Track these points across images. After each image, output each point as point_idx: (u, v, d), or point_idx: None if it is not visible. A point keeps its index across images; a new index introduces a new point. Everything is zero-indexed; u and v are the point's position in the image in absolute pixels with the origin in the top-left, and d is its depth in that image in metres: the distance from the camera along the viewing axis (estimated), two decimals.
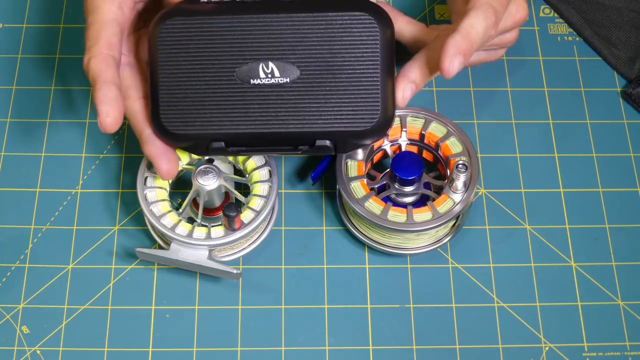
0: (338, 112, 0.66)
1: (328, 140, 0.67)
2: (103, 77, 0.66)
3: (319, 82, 0.66)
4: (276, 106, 0.66)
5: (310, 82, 0.66)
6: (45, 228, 0.75)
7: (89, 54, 0.67)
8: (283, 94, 0.66)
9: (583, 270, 0.74)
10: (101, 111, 0.65)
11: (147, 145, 0.69)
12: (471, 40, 0.67)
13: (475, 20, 0.67)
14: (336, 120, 0.66)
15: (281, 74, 0.66)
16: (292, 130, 0.66)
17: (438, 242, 0.74)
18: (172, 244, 0.70)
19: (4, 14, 0.85)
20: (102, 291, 0.72)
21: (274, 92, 0.66)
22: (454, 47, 0.66)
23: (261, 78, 0.66)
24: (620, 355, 0.71)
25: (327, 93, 0.66)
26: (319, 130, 0.66)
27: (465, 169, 0.70)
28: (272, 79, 0.66)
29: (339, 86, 0.66)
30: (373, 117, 0.66)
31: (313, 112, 0.66)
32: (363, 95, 0.66)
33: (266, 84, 0.66)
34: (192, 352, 0.70)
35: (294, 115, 0.66)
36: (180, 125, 0.67)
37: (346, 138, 0.67)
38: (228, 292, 0.73)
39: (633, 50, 0.83)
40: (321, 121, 0.66)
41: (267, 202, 0.71)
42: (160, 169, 0.69)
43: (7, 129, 0.79)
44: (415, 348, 0.71)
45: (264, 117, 0.66)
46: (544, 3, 0.86)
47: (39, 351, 0.70)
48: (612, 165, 0.78)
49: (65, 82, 0.81)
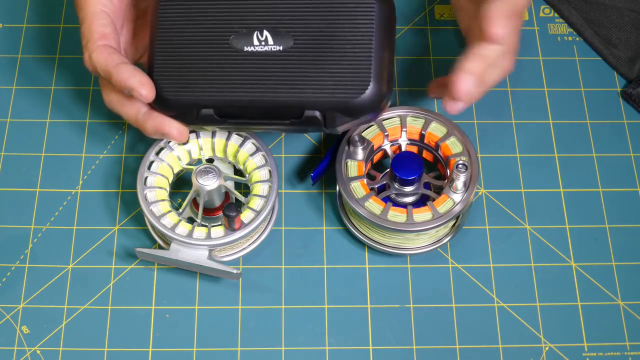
0: (328, 82, 0.66)
1: (317, 111, 0.66)
2: (113, 62, 0.67)
3: (312, 52, 0.66)
4: (268, 74, 0.66)
5: (303, 52, 0.66)
6: (45, 228, 0.75)
7: (87, 50, 0.68)
8: (275, 62, 0.66)
9: (583, 270, 0.74)
10: (135, 84, 0.66)
11: (147, 123, 0.69)
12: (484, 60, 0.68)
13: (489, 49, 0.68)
14: (326, 90, 0.66)
15: (275, 42, 0.66)
16: (281, 99, 0.66)
17: (438, 242, 0.74)
18: (172, 244, 0.70)
19: (4, 14, 0.85)
20: (102, 291, 0.72)
21: (266, 60, 0.66)
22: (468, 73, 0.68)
23: (255, 45, 0.67)
24: (620, 355, 0.71)
25: (319, 63, 0.66)
26: (308, 99, 0.66)
27: (465, 169, 0.70)
28: (265, 47, 0.66)
29: (331, 57, 0.66)
30: (362, 90, 0.66)
31: (304, 81, 0.66)
32: (354, 68, 0.66)
33: (259, 51, 0.66)
34: (192, 352, 0.70)
35: (284, 83, 0.66)
36: (172, 91, 0.67)
37: (335, 110, 0.66)
38: (228, 292, 0.73)
39: (633, 51, 0.82)
40: (311, 91, 0.66)
41: (267, 202, 0.71)
42: (171, 134, 0.69)
43: (7, 129, 0.79)
44: (415, 348, 0.71)
45: (255, 85, 0.66)
46: (544, 3, 0.86)
47: (39, 351, 0.70)
48: (612, 165, 0.78)
49: (65, 82, 0.81)
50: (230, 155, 0.74)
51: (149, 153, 0.73)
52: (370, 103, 0.66)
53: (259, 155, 0.73)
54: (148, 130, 0.70)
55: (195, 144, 0.74)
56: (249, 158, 0.73)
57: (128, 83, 0.67)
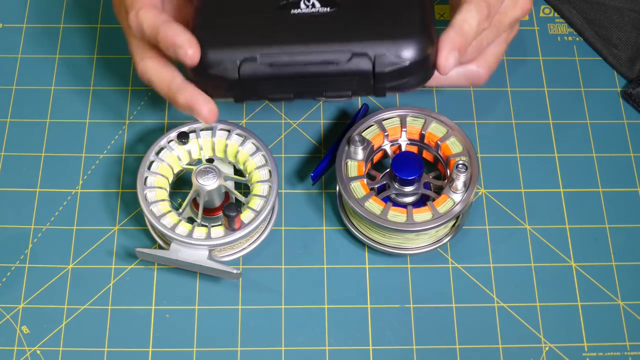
0: (377, 31, 0.65)
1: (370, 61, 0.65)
2: (161, 19, 0.66)
3: (359, 8, 0.66)
4: (314, 29, 0.66)
5: (349, 9, 0.66)
6: (45, 228, 0.75)
7: (134, 8, 0.67)
8: (322, 20, 0.66)
9: (583, 270, 0.74)
10: (183, 41, 0.65)
11: (180, 93, 0.68)
12: (465, 35, 0.67)
13: (468, 14, 0.67)
14: (374, 36, 0.65)
15: (322, 5, 0.67)
16: (328, 46, 0.65)
17: (438, 242, 0.74)
18: (172, 244, 0.70)
19: (4, 14, 0.85)
20: (102, 291, 0.72)
21: (313, 19, 0.66)
22: (448, 43, 0.66)
23: (301, 8, 0.67)
24: (620, 355, 0.71)
25: (366, 17, 0.66)
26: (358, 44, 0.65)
27: (465, 169, 0.71)
28: (312, 9, 0.67)
29: (378, 11, 0.66)
30: (413, 34, 0.65)
31: (351, 32, 0.66)
32: (403, 18, 0.66)
33: (306, 12, 0.66)
34: (192, 352, 0.70)
35: (331, 35, 0.65)
36: (213, 43, 0.66)
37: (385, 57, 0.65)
38: (228, 292, 0.73)
39: (633, 51, 0.83)
40: (359, 37, 0.65)
41: (267, 202, 0.71)
42: (202, 112, 0.67)
43: (7, 129, 0.79)
44: (415, 348, 0.71)
45: (299, 38, 0.66)
46: (544, 3, 0.86)
47: (39, 351, 0.70)
48: (612, 165, 0.78)
49: (65, 82, 0.81)
50: (230, 155, 0.74)
51: (149, 153, 0.73)
52: (420, 50, 0.66)
53: (259, 155, 0.73)
54: (180, 102, 0.68)
55: (195, 144, 0.74)
56: (249, 158, 0.73)
57: (177, 40, 0.65)
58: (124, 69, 0.82)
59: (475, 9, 0.67)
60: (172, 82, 0.68)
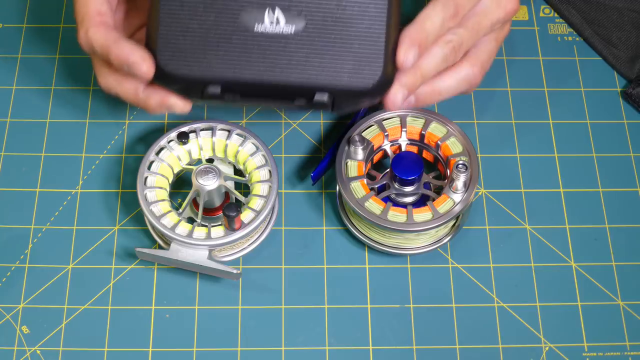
0: (340, 67, 0.65)
1: (327, 95, 0.65)
2: (112, 38, 0.66)
3: (324, 35, 0.65)
4: (278, 55, 0.65)
5: (314, 34, 0.65)
6: (45, 228, 0.75)
7: (83, 27, 0.67)
8: (286, 43, 0.65)
9: (583, 270, 0.74)
10: (136, 58, 0.65)
11: (149, 99, 0.67)
12: (426, 31, 0.66)
13: (432, 11, 0.66)
14: (337, 75, 0.65)
15: (286, 22, 0.65)
16: (291, 81, 0.65)
17: (438, 242, 0.74)
18: (172, 244, 0.70)
19: (4, 14, 0.85)
20: (102, 291, 0.72)
21: (276, 40, 0.65)
22: (408, 39, 0.66)
23: (265, 25, 0.65)
24: (620, 355, 0.71)
25: (330, 47, 0.65)
26: (319, 83, 0.65)
27: (465, 169, 0.71)
28: (276, 27, 0.65)
29: (343, 42, 0.65)
30: (374, 76, 0.65)
31: (315, 65, 0.65)
32: (366, 53, 0.65)
33: (270, 32, 0.65)
34: (192, 352, 0.70)
35: (295, 65, 0.65)
36: (175, 65, 0.65)
37: (345, 95, 0.65)
38: (228, 292, 0.73)
39: (633, 50, 0.83)
40: (322, 75, 0.65)
41: (267, 202, 0.71)
42: (176, 105, 0.67)
43: (7, 129, 0.79)
44: (415, 348, 0.71)
45: (264, 64, 0.65)
46: (544, 3, 0.86)
47: (39, 351, 0.70)
48: (612, 165, 0.78)
49: (65, 82, 0.81)
50: (230, 155, 0.74)
51: (149, 153, 0.73)
52: (381, 87, 0.66)
53: (259, 155, 0.73)
54: (152, 105, 0.68)
55: (195, 144, 0.74)
56: (249, 158, 0.73)
57: (130, 58, 0.65)
58: None
59: (441, 7, 0.67)
60: (138, 91, 0.68)
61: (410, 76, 0.67)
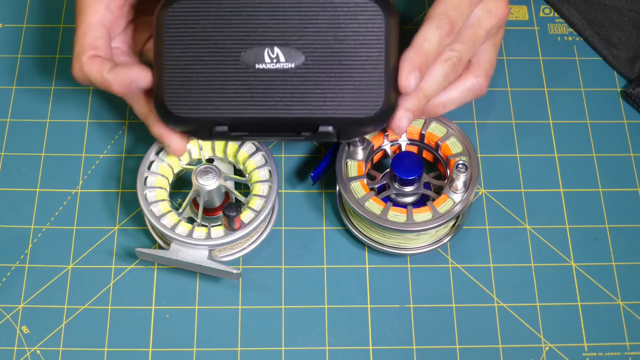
0: (342, 98, 0.66)
1: (331, 126, 0.67)
2: (106, 69, 0.68)
3: (324, 68, 0.66)
4: (280, 91, 0.66)
5: (314, 68, 0.66)
6: (45, 228, 0.75)
7: (78, 62, 0.69)
8: (287, 79, 0.66)
9: (583, 270, 0.74)
10: (138, 76, 0.67)
11: (154, 126, 0.70)
12: (425, 54, 0.66)
13: (428, 32, 0.67)
14: (340, 106, 0.66)
15: (286, 59, 0.66)
16: (295, 116, 0.66)
17: (438, 242, 0.74)
18: (172, 244, 0.70)
19: (4, 14, 0.85)
20: (102, 291, 0.72)
21: (278, 77, 0.66)
22: (408, 63, 0.66)
23: (266, 63, 0.66)
24: (620, 355, 0.71)
25: (331, 79, 0.66)
26: (322, 116, 0.66)
27: (465, 169, 0.71)
28: (277, 64, 0.66)
29: (343, 73, 0.66)
30: (376, 104, 0.66)
31: (317, 98, 0.66)
32: (367, 83, 0.66)
33: (271, 69, 0.66)
34: (192, 352, 0.70)
35: (298, 100, 0.66)
36: (183, 108, 0.67)
37: (349, 125, 0.67)
38: (228, 292, 0.73)
39: (633, 51, 0.83)
40: (325, 107, 0.66)
41: (267, 202, 0.71)
42: (170, 147, 0.70)
43: (7, 129, 0.79)
44: (415, 348, 0.71)
45: (268, 101, 0.66)
46: (544, 3, 0.86)
47: (39, 351, 0.70)
48: (612, 165, 0.78)
49: (65, 82, 0.81)
50: (230, 155, 0.74)
51: (149, 153, 0.73)
52: (384, 115, 0.67)
53: (259, 155, 0.73)
54: (153, 133, 0.70)
55: (195, 144, 0.74)
56: (249, 158, 0.73)
57: (132, 76, 0.67)
58: None
59: (436, 26, 0.67)
60: (148, 116, 0.70)
61: (414, 99, 0.67)
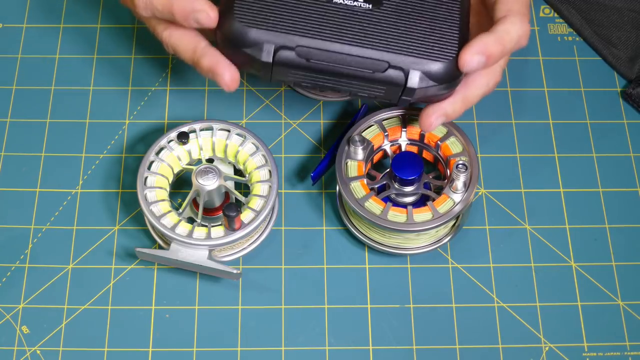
0: (415, 44, 0.66)
1: (402, 69, 0.65)
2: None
3: (401, 14, 0.66)
4: (355, 27, 0.66)
5: (391, 12, 0.66)
6: (45, 228, 0.75)
7: None
8: (363, 18, 0.66)
9: (583, 270, 0.74)
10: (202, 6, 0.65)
11: (204, 57, 0.67)
12: (503, 45, 0.66)
13: (512, 27, 0.66)
14: (413, 51, 0.65)
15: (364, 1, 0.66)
16: (367, 51, 0.65)
17: (438, 242, 0.74)
18: (172, 244, 0.70)
19: (4, 14, 0.85)
20: (102, 291, 0.72)
21: (353, 13, 0.66)
22: (482, 45, 0.65)
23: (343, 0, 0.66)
24: (620, 355, 0.71)
25: (407, 25, 0.66)
26: (394, 55, 0.65)
27: (465, 169, 0.71)
28: (354, 2, 0.66)
29: (420, 21, 0.66)
30: (449, 56, 0.66)
31: (390, 40, 0.65)
32: (442, 34, 0.66)
33: (348, 5, 0.66)
34: (192, 352, 0.70)
35: (368, 38, 0.65)
36: (252, 23, 0.65)
37: (420, 70, 0.65)
38: (228, 292, 0.73)
39: (633, 50, 0.83)
40: (397, 49, 0.65)
41: (267, 202, 0.71)
42: (223, 78, 0.67)
43: (7, 129, 0.79)
44: (415, 348, 0.71)
45: (339, 33, 0.65)
46: (544, 3, 0.86)
47: (39, 351, 0.70)
48: (612, 165, 0.78)
49: (65, 82, 0.81)
50: (230, 155, 0.74)
51: (149, 153, 0.73)
52: (454, 71, 0.66)
53: (259, 155, 0.73)
54: (203, 65, 0.68)
55: (195, 144, 0.74)
56: (249, 158, 0.73)
57: (195, 5, 0.65)
58: (124, 68, 0.82)
59: (520, 24, 0.66)
60: (197, 46, 0.68)
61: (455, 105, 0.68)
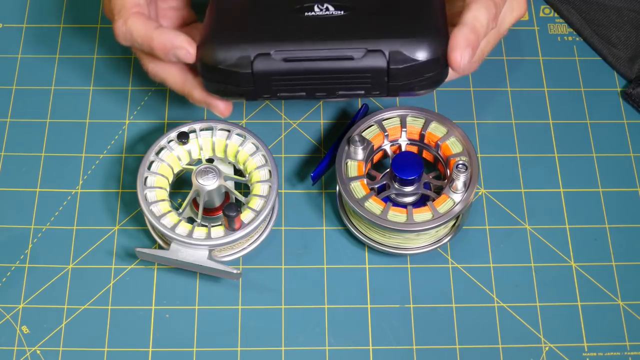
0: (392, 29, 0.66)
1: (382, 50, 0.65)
2: (152, 26, 0.67)
3: (374, 10, 0.67)
4: (329, 29, 0.66)
5: (365, 11, 0.67)
6: (45, 228, 0.75)
7: (121, 17, 0.68)
8: (337, 20, 0.66)
9: (583, 270, 0.74)
10: (182, 43, 0.66)
11: (195, 90, 0.69)
12: (477, 33, 0.67)
13: (478, 12, 0.67)
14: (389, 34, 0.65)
15: (336, 9, 0.67)
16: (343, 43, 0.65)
17: (438, 242, 0.74)
18: (172, 244, 0.70)
19: (4, 14, 0.85)
20: (102, 291, 0.72)
21: (328, 20, 0.66)
22: (463, 40, 0.66)
23: (315, 12, 0.67)
24: (620, 355, 0.71)
25: (382, 18, 0.66)
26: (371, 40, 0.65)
27: (465, 169, 0.71)
28: (326, 12, 0.67)
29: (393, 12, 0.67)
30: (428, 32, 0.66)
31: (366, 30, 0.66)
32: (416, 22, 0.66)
33: (321, 15, 0.67)
34: (192, 352, 0.70)
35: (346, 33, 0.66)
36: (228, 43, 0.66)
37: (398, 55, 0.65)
38: (228, 292, 0.73)
39: (633, 50, 0.83)
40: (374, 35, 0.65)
41: (267, 202, 0.71)
42: (218, 107, 0.69)
43: (7, 129, 0.79)
44: (415, 348, 0.71)
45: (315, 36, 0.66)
46: (544, 3, 0.86)
47: (39, 351, 0.70)
48: (612, 165, 0.78)
49: (65, 82, 0.81)
50: (230, 155, 0.74)
51: (149, 153, 0.73)
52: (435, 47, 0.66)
53: (259, 155, 0.73)
54: (195, 98, 0.70)
55: (195, 144, 0.74)
56: (249, 158, 0.73)
57: (175, 42, 0.66)
58: (124, 69, 0.82)
59: (485, 8, 0.67)
60: (186, 78, 0.69)
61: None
